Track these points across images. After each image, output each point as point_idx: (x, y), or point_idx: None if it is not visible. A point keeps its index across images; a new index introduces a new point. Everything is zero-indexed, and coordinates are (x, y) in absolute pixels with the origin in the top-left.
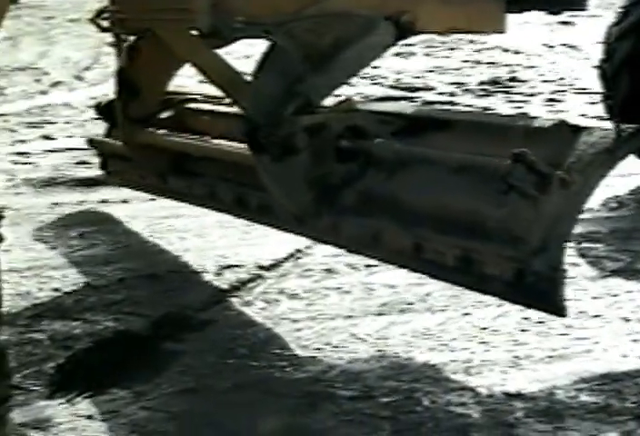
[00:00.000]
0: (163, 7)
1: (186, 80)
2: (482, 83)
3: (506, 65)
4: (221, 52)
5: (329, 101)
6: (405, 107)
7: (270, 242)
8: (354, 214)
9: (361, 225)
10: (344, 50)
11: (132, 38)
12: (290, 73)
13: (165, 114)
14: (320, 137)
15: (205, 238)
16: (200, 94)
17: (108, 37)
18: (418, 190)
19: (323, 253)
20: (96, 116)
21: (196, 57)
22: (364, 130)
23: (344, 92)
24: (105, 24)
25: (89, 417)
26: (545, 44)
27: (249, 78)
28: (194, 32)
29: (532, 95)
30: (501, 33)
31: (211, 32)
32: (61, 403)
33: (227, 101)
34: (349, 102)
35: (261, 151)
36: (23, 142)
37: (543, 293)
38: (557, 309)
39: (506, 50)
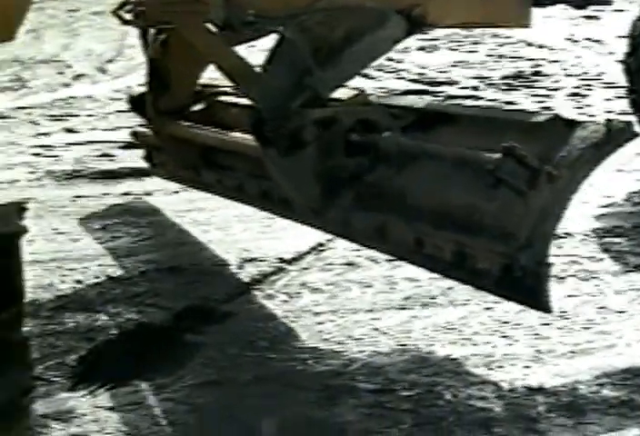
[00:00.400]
0: (180, 0)
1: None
2: (505, 77)
3: (530, 60)
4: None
5: (343, 94)
6: (416, 101)
7: (291, 236)
8: (362, 208)
9: (368, 219)
10: (353, 44)
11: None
12: (299, 65)
13: (196, 107)
14: (330, 131)
15: (227, 231)
16: (232, 87)
17: (132, 30)
18: (419, 184)
19: (344, 247)
20: (122, 108)
21: (209, 49)
22: (375, 124)
23: (365, 85)
24: (128, 16)
25: (111, 408)
26: (569, 39)
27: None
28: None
29: (556, 90)
30: (526, 27)
31: (225, 25)
32: (83, 395)
33: None
34: (362, 95)
35: (268, 144)
36: (46, 134)
37: (528, 289)
38: (542, 305)
39: (530, 44)
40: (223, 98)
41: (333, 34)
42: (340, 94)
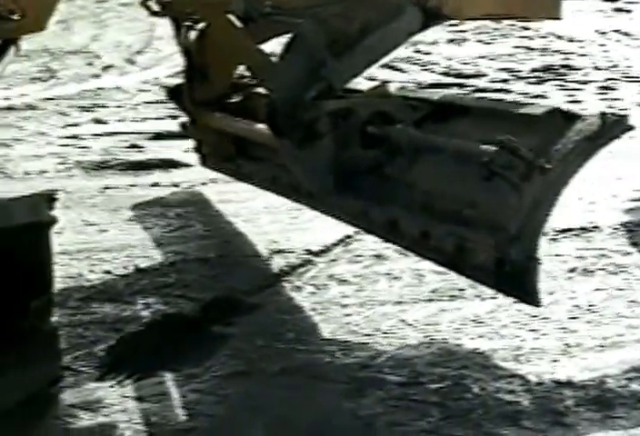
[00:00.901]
0: None
1: None
2: (534, 70)
3: (560, 52)
4: None
5: (364, 86)
6: (434, 93)
7: (320, 227)
8: (374, 200)
9: (380, 211)
10: (368, 36)
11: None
12: (314, 57)
13: (233, 98)
14: (346, 122)
15: (255, 222)
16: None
17: (161, 21)
18: (425, 176)
19: (373, 239)
20: (151, 100)
21: (229, 39)
22: (391, 116)
23: (394, 78)
24: (156, 7)
25: (139, 399)
26: (598, 32)
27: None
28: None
29: (585, 83)
30: (556, 19)
31: (245, 16)
32: (111, 385)
33: None
34: (382, 87)
35: (282, 135)
36: (74, 125)
37: (519, 282)
38: (531, 298)
39: (560, 37)
40: (259, 89)
41: (348, 25)
42: (363, 85)
